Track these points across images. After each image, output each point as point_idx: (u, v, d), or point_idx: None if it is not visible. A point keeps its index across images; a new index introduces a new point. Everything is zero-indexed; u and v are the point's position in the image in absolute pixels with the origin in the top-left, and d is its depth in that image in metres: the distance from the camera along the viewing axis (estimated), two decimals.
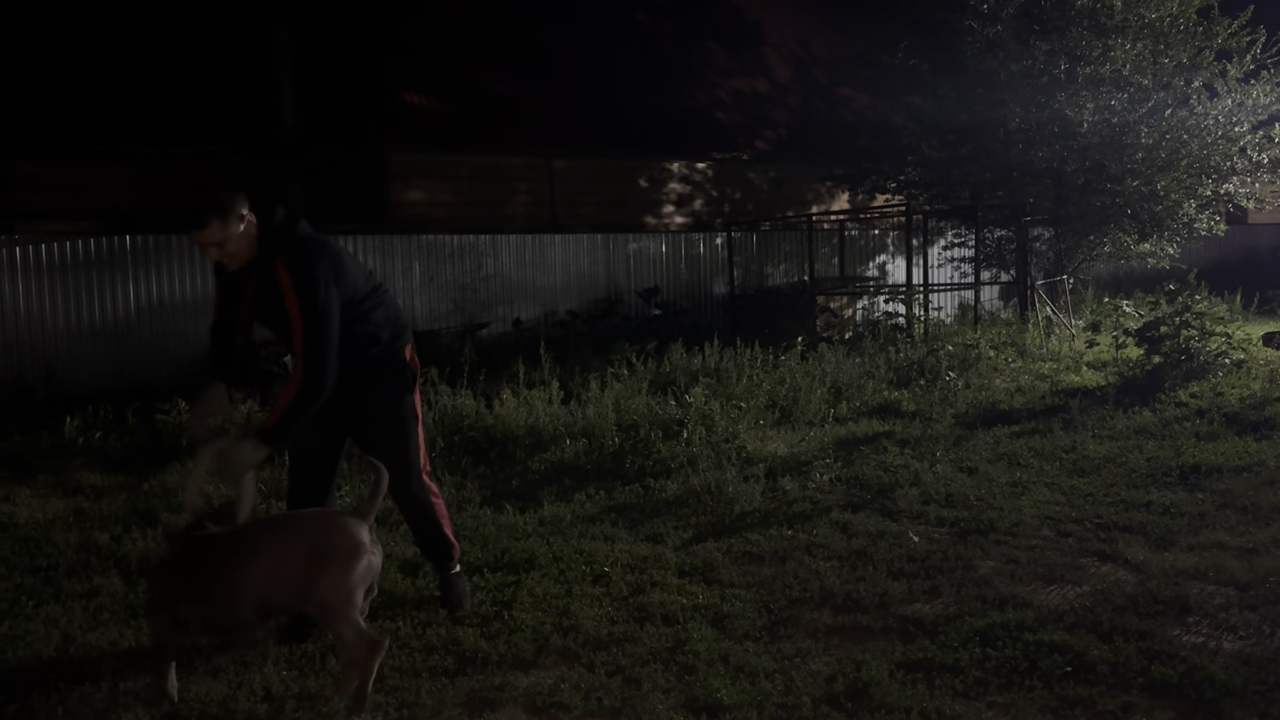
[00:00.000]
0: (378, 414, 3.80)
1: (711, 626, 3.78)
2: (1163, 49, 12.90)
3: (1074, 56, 12.69)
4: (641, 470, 6.23)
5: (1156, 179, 13.06)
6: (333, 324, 3.50)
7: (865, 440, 7.06)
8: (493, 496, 5.81)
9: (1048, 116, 12.87)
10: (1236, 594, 3.97)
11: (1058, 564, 4.38)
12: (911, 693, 3.18)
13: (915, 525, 5.04)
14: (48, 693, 3.30)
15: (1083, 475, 5.93)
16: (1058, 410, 7.80)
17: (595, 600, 4.09)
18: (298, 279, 3.46)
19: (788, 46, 19.53)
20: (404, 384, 3.84)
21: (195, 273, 10.48)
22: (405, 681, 3.37)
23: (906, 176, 14.75)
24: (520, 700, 3.22)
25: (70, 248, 9.88)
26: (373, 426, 3.82)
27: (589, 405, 7.36)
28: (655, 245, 13.92)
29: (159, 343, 10.28)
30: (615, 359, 8.98)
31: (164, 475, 6.32)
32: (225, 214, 3.43)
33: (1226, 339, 8.99)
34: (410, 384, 3.86)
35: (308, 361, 3.44)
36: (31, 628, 3.88)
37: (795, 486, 5.73)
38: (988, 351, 10.17)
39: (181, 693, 3.27)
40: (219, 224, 3.43)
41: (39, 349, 9.71)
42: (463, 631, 3.76)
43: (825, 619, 3.85)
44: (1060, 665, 3.34)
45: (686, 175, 16.62)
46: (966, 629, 3.65)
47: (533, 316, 12.60)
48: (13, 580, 4.46)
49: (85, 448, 7.18)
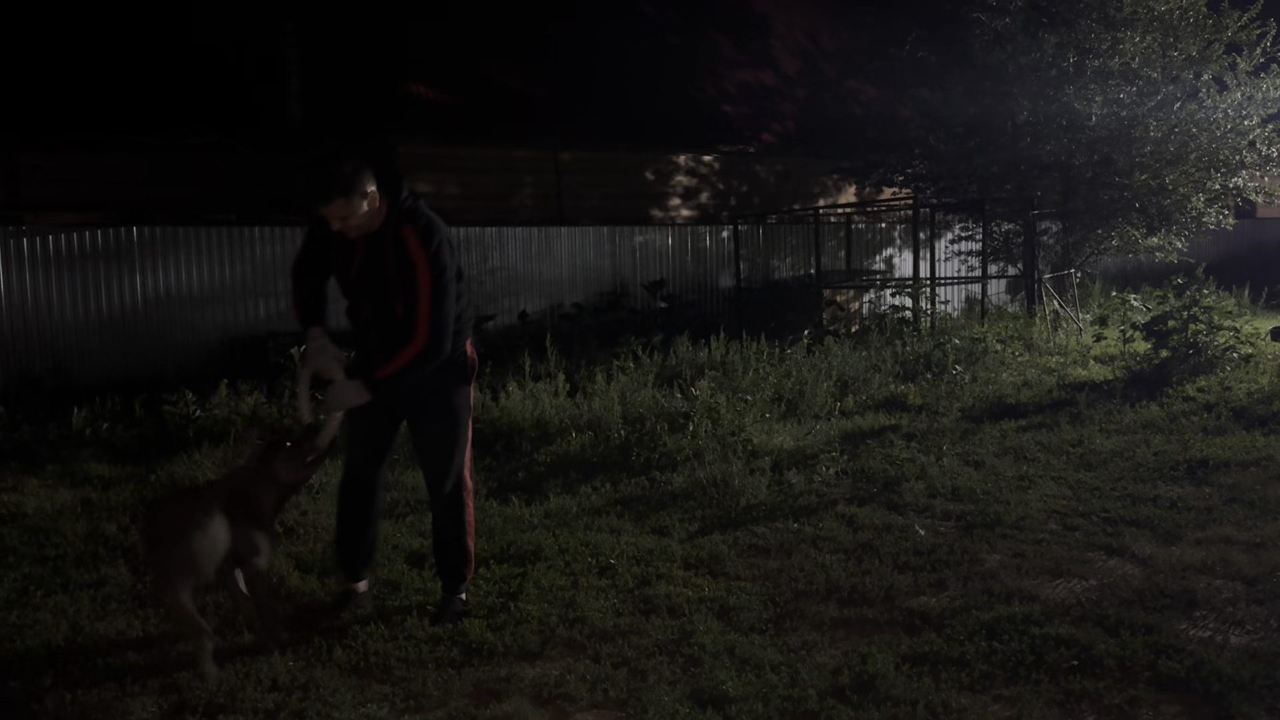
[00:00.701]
0: (433, 400, 3.81)
1: (717, 619, 3.79)
2: (1172, 42, 12.85)
3: (1083, 49, 12.64)
4: (647, 463, 6.23)
5: (1165, 173, 13.02)
6: (453, 296, 3.65)
7: (871, 434, 7.05)
8: (499, 489, 5.82)
9: (1056, 110, 12.82)
10: (1244, 588, 3.96)
11: (1064, 558, 4.38)
12: (917, 686, 3.18)
13: (921, 519, 5.04)
14: (57, 681, 3.31)
15: (1089, 469, 5.92)
16: (1065, 404, 7.78)
17: (601, 592, 4.09)
18: (430, 251, 3.58)
19: (795, 39, 19.48)
20: (463, 375, 3.85)
21: (203, 264, 10.50)
22: (411, 672, 3.37)
23: (914, 170, 14.72)
24: (526, 691, 3.23)
25: (78, 239, 9.90)
26: (426, 412, 3.83)
27: (595, 398, 7.36)
28: (661, 238, 13.91)
29: (166, 334, 10.31)
30: (621, 352, 8.99)
31: (171, 466, 6.34)
32: (349, 191, 3.49)
33: (1234, 333, 8.96)
34: (468, 377, 3.88)
35: (432, 326, 3.56)
36: (40, 617, 3.89)
37: (801, 480, 5.73)
38: (994, 345, 10.15)
39: (188, 685, 3.29)
40: (343, 201, 3.50)
41: (47, 340, 9.74)
42: (469, 623, 3.76)
43: (831, 612, 3.85)
44: (1066, 659, 3.34)
45: (693, 168, 16.59)
46: (972, 622, 3.65)
47: (539, 309, 12.60)
48: (21, 570, 4.48)
49: (93, 438, 7.20)
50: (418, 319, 3.55)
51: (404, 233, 3.59)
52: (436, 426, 3.82)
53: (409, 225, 3.60)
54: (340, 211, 3.51)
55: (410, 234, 3.58)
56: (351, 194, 3.49)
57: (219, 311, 10.57)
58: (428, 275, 3.56)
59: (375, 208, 3.59)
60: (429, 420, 3.83)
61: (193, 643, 3.36)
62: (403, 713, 3.11)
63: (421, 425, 3.86)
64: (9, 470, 6.37)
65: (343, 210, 3.51)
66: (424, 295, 3.56)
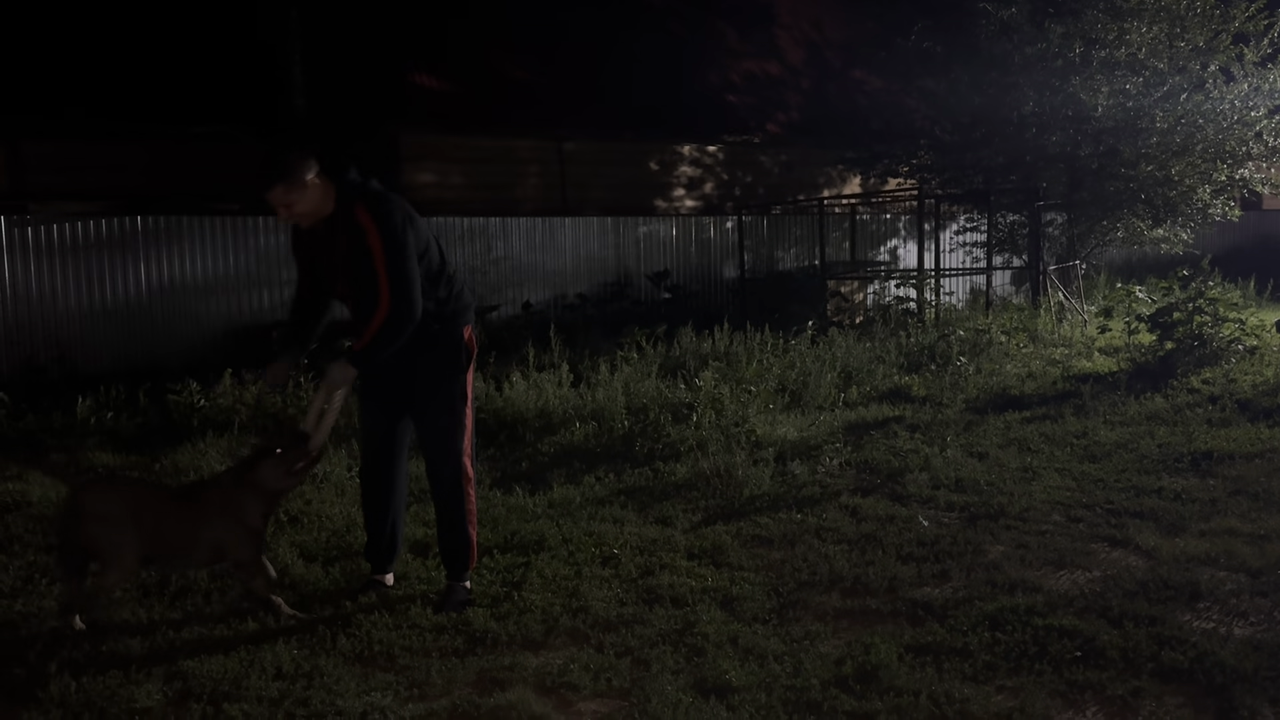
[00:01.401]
0: (427, 386, 3.82)
1: (720, 609, 3.79)
2: (1179, 32, 12.78)
3: (1089, 40, 12.58)
4: (651, 453, 6.23)
5: (1171, 164, 12.97)
6: (412, 257, 3.63)
7: (875, 425, 7.04)
8: (502, 478, 5.83)
9: (1062, 100, 12.77)
10: (1248, 580, 3.96)
11: (1068, 549, 4.38)
12: (920, 676, 3.18)
13: (925, 510, 5.04)
14: (61, 669, 3.32)
15: (1094, 461, 5.91)
16: (1069, 396, 7.77)
17: (604, 582, 4.10)
18: (378, 216, 3.60)
19: (800, 28, 19.40)
20: (458, 361, 3.86)
21: (207, 254, 10.50)
22: (415, 661, 3.38)
23: (919, 160, 14.67)
24: (530, 680, 3.24)
25: (83, 228, 9.90)
26: (421, 399, 3.85)
27: (598, 388, 7.37)
28: (665, 229, 13.89)
29: (171, 323, 10.31)
30: (625, 342, 8.98)
31: (175, 455, 6.35)
32: (290, 177, 3.53)
33: (1240, 325, 8.94)
34: (465, 363, 3.88)
35: (392, 290, 3.56)
36: (45, 605, 3.90)
37: (805, 471, 5.73)
38: (999, 337, 10.13)
39: (194, 670, 3.30)
40: (283, 188, 3.54)
41: (51, 329, 9.74)
42: (473, 612, 3.77)
43: (834, 602, 3.86)
44: (1070, 650, 3.34)
45: (697, 158, 16.56)
46: (976, 613, 3.65)
47: (542, 300, 12.59)
48: (26, 558, 4.49)
49: (97, 427, 7.21)
50: (379, 285, 3.58)
51: (354, 210, 3.63)
52: (434, 411, 3.83)
53: (359, 202, 3.63)
54: (282, 198, 3.56)
55: (360, 210, 3.62)
56: (292, 180, 3.53)
57: (223, 301, 10.57)
58: (378, 239, 3.58)
59: (321, 194, 3.63)
60: (426, 406, 3.84)
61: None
62: (406, 701, 3.12)
63: (419, 411, 3.87)
64: (14, 459, 6.38)
65: (284, 197, 3.55)
66: (379, 261, 3.58)
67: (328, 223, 3.71)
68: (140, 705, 3.08)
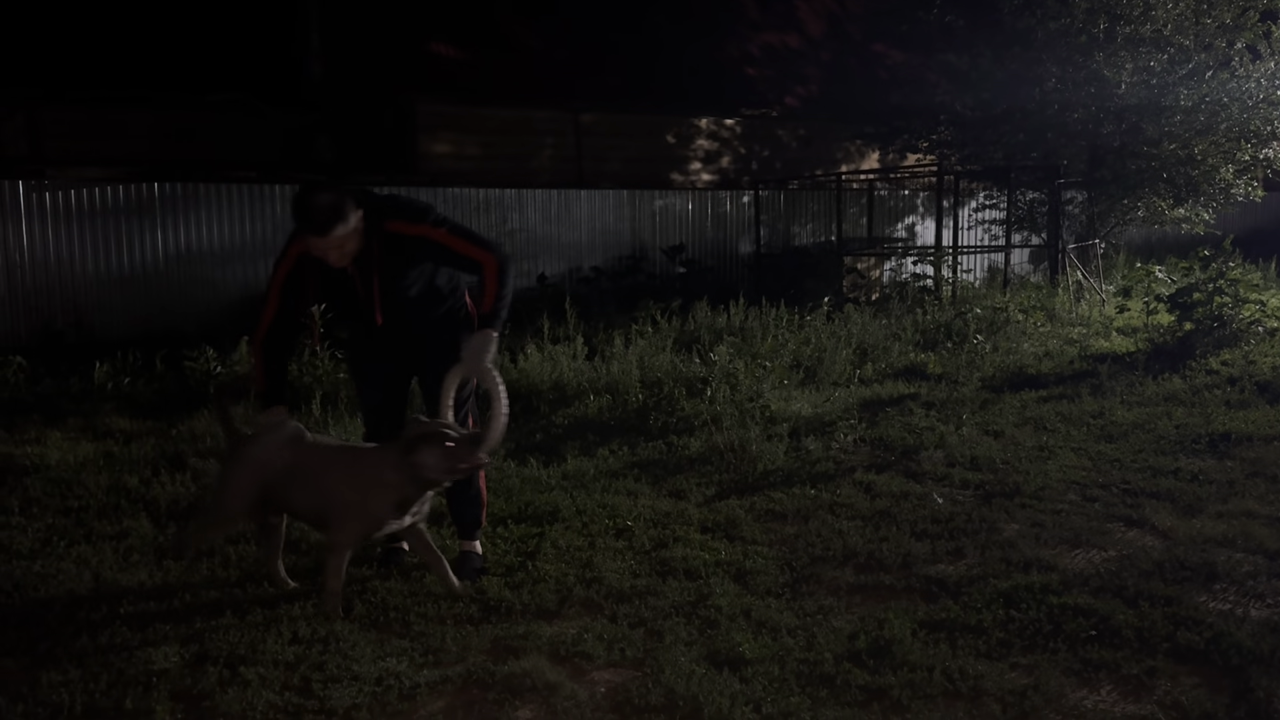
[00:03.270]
0: (438, 343, 3.84)
1: (734, 582, 3.79)
2: (1205, 8, 12.56)
3: (1114, 15, 12.39)
4: (665, 427, 6.23)
5: (1194, 143, 12.80)
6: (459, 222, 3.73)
7: (890, 402, 7.02)
8: (517, 450, 5.83)
9: (1085, 77, 12.61)
10: (1265, 562, 3.94)
11: (1083, 528, 4.36)
12: (934, 652, 3.18)
13: (939, 487, 5.02)
14: (79, 630, 3.36)
15: (1110, 441, 5.88)
16: (1086, 375, 7.73)
17: (618, 554, 4.11)
18: (411, 217, 3.62)
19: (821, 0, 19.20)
20: (464, 327, 3.88)
21: (223, 221, 10.51)
22: (430, 628, 3.40)
23: (939, 136, 14.54)
24: (544, 649, 3.25)
25: (100, 194, 9.92)
26: (433, 356, 3.85)
27: (613, 361, 7.36)
28: (682, 202, 13.83)
29: (187, 289, 10.35)
30: (640, 316, 8.96)
31: (192, 421, 6.38)
32: (347, 219, 3.45)
33: (1260, 307, 8.85)
34: (468, 329, 3.87)
35: (480, 245, 3.63)
36: (63, 567, 3.94)
37: (819, 446, 5.72)
38: (1016, 315, 10.07)
39: (209, 636, 3.33)
40: (342, 231, 3.46)
41: (69, 295, 9.79)
42: (488, 581, 3.79)
43: (848, 577, 3.85)
44: (1084, 628, 3.33)
45: (714, 132, 16.45)
46: (990, 590, 3.64)
47: (557, 272, 12.58)
48: (45, 520, 4.53)
49: (114, 393, 7.26)
50: (471, 254, 3.62)
51: (390, 228, 3.58)
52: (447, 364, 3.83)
53: (389, 220, 3.58)
54: (339, 244, 3.48)
55: (397, 225, 3.58)
56: (348, 220, 3.45)
57: (239, 268, 10.59)
58: (429, 229, 3.60)
59: (358, 223, 3.54)
60: (438, 361, 3.84)
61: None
62: (421, 667, 3.14)
63: (431, 366, 3.89)
64: (32, 423, 6.43)
65: (342, 239, 3.48)
66: (453, 241, 3.62)
67: (357, 256, 3.61)
68: (158, 667, 3.10)
